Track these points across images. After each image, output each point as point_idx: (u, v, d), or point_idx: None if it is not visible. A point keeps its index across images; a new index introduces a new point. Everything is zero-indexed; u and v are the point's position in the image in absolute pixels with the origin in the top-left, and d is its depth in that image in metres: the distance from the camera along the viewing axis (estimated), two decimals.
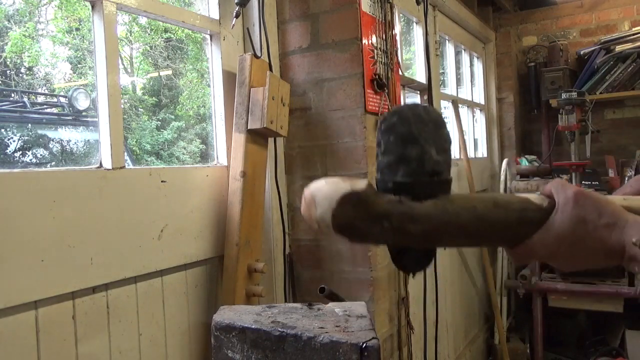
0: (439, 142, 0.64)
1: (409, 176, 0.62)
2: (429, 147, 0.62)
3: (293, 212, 1.91)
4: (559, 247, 0.62)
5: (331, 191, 0.61)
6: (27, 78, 5.80)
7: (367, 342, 0.92)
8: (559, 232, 0.62)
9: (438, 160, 0.63)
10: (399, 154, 0.63)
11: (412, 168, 0.62)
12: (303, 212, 0.64)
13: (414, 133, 0.63)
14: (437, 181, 0.63)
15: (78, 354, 1.21)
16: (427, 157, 0.62)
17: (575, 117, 3.00)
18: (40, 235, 1.14)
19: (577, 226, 0.61)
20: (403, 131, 0.63)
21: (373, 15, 1.86)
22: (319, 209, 0.61)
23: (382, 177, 0.64)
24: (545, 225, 0.63)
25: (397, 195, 0.62)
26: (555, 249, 0.63)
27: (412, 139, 0.62)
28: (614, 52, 3.44)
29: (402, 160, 0.63)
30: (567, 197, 0.63)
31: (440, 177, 0.63)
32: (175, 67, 7.27)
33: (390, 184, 0.63)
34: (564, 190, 0.64)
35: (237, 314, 1.11)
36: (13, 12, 5.66)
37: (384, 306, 1.86)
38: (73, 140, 4.65)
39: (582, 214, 0.62)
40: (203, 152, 6.40)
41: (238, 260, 1.55)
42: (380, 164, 0.65)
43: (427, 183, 0.62)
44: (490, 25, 3.82)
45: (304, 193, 0.64)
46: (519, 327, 3.60)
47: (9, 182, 1.10)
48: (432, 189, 0.63)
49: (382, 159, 0.65)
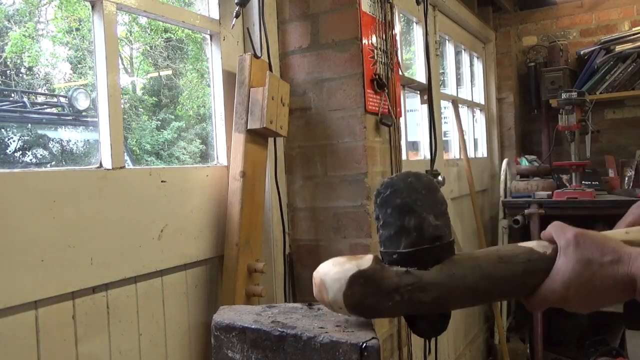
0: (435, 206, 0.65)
1: (412, 246, 0.63)
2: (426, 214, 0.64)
3: (293, 212, 1.91)
4: (568, 291, 0.62)
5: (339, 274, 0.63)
6: (27, 78, 5.80)
7: (367, 342, 0.92)
8: (565, 277, 0.62)
9: (437, 225, 0.64)
10: (398, 225, 0.64)
11: (413, 237, 0.63)
12: (315, 296, 0.66)
13: (409, 203, 0.64)
14: (440, 246, 0.64)
15: (78, 354, 1.21)
16: (426, 225, 0.64)
17: (575, 117, 3.00)
18: (40, 235, 1.14)
19: (582, 268, 0.61)
20: (398, 203, 0.64)
21: (373, 15, 1.86)
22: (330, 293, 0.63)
23: (386, 249, 0.66)
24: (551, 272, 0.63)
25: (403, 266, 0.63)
26: (565, 294, 0.62)
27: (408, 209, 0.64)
28: (614, 52, 3.44)
29: (402, 231, 0.64)
30: (567, 240, 0.63)
31: (442, 241, 0.64)
32: (175, 67, 7.27)
33: (395, 255, 0.64)
34: (564, 233, 0.64)
35: (237, 314, 1.11)
36: (13, 12, 5.66)
37: None
38: (73, 140, 4.65)
39: (585, 255, 0.62)
40: (203, 152, 6.41)
41: (238, 260, 1.55)
42: (382, 236, 0.67)
43: (430, 249, 0.64)
44: (490, 25, 3.82)
45: (314, 277, 0.66)
46: (519, 327, 3.60)
47: (9, 182, 1.10)
48: (435, 255, 0.64)
49: (382, 231, 0.66)
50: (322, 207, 1.85)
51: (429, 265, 0.63)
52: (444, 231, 0.65)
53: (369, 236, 1.76)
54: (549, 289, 0.63)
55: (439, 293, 0.62)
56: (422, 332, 0.70)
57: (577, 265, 0.62)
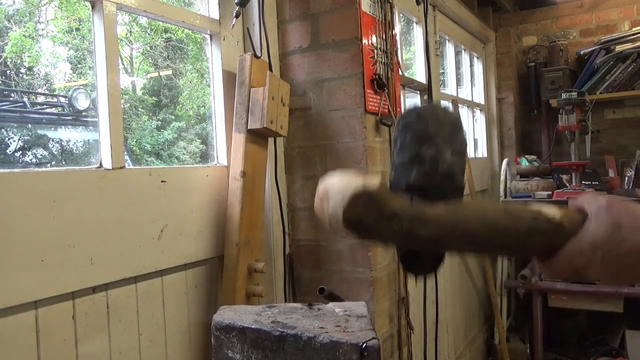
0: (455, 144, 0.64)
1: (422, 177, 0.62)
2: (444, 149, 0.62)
3: (293, 212, 1.91)
4: (595, 254, 0.60)
5: (344, 187, 0.61)
6: (27, 78, 5.80)
7: (367, 342, 0.92)
8: (594, 239, 0.61)
9: (452, 162, 0.63)
10: (414, 153, 0.62)
11: (425, 168, 0.62)
12: (315, 206, 0.64)
13: (430, 133, 0.62)
14: (450, 185, 0.63)
15: (78, 354, 1.21)
16: (442, 159, 0.62)
17: (575, 117, 3.00)
18: (40, 235, 1.14)
19: (612, 231, 0.60)
20: (419, 130, 0.63)
21: (373, 15, 1.86)
22: (330, 204, 0.61)
23: (396, 175, 0.64)
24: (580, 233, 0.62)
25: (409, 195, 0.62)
26: (591, 257, 0.61)
27: (427, 139, 0.62)
28: (614, 52, 3.44)
29: (416, 160, 0.62)
30: (599, 206, 0.62)
31: (453, 180, 0.63)
32: (175, 67, 7.27)
33: (404, 184, 0.63)
34: (596, 200, 0.63)
35: (237, 314, 1.11)
36: (13, 12, 5.66)
37: (384, 306, 1.86)
38: (73, 140, 4.65)
39: (617, 220, 0.60)
40: (203, 152, 6.40)
41: (238, 260, 1.55)
42: (395, 163, 0.65)
43: (440, 185, 0.62)
44: (490, 25, 3.82)
45: (318, 186, 0.64)
46: (519, 327, 3.60)
47: (9, 182, 1.10)
48: (444, 192, 0.62)
49: (397, 157, 0.65)
50: None
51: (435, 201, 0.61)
52: (457, 170, 0.63)
53: None
54: (575, 249, 0.61)
55: (437, 230, 0.61)
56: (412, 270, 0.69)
57: (609, 228, 0.60)
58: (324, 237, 1.85)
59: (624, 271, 0.61)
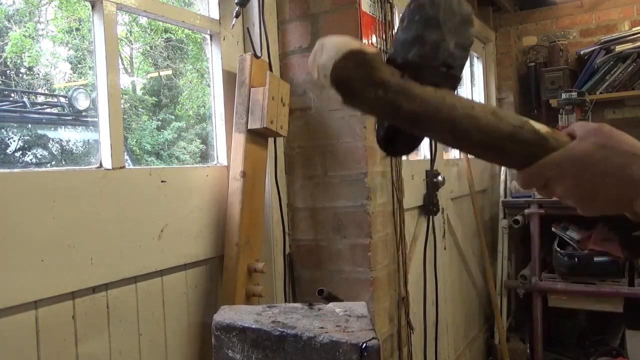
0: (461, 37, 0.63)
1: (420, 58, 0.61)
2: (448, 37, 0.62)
3: (293, 212, 1.91)
4: (571, 168, 0.59)
5: (341, 43, 0.60)
6: (27, 78, 5.80)
7: (367, 342, 0.92)
8: (574, 154, 0.60)
9: (453, 53, 0.62)
10: (418, 34, 0.62)
11: (425, 51, 0.61)
12: (309, 60, 0.63)
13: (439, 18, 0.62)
14: (446, 73, 0.62)
15: (78, 354, 1.21)
16: (444, 46, 0.62)
17: (575, 117, 3.00)
18: (40, 235, 1.14)
19: (595, 149, 0.59)
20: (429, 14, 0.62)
21: (373, 15, 1.86)
22: (324, 56, 0.60)
23: (395, 52, 0.64)
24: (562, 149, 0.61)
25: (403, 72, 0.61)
26: (566, 170, 0.60)
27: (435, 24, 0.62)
28: (614, 52, 3.44)
29: (418, 41, 0.62)
30: (588, 129, 0.62)
31: (450, 70, 0.62)
32: (175, 67, 7.27)
33: (400, 60, 0.62)
34: (586, 125, 0.63)
35: (237, 313, 1.11)
36: (13, 12, 5.66)
37: (384, 306, 1.86)
38: (73, 140, 4.65)
39: (603, 140, 0.60)
40: (203, 152, 6.41)
41: (238, 260, 1.55)
42: (397, 39, 0.65)
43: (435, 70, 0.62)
44: (490, 25, 3.82)
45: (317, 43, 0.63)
46: (519, 327, 3.60)
47: (9, 182, 1.10)
48: (438, 78, 0.62)
49: (400, 34, 0.64)
50: (322, 207, 1.85)
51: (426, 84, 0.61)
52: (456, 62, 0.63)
53: (368, 236, 1.76)
54: (553, 160, 0.60)
55: (421, 108, 0.60)
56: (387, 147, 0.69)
57: (591, 146, 0.59)
58: (324, 237, 1.85)
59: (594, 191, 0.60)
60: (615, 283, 2.89)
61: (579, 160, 0.60)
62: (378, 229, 1.81)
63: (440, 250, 2.49)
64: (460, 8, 0.64)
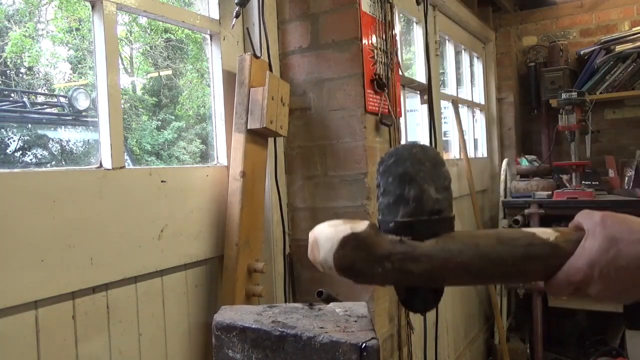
0: (438, 180, 0.64)
1: (409, 216, 0.63)
2: (427, 186, 0.63)
3: (293, 212, 1.91)
4: (593, 270, 0.60)
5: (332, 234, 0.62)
6: (27, 78, 5.80)
7: (367, 342, 0.92)
8: (591, 255, 0.60)
9: (438, 198, 0.63)
10: (398, 194, 0.63)
11: (411, 208, 0.63)
12: (309, 255, 0.66)
13: (411, 173, 0.63)
14: (438, 219, 0.63)
15: (78, 354, 1.21)
16: (426, 196, 0.63)
17: (575, 117, 3.00)
18: (40, 235, 1.14)
19: (608, 245, 0.60)
20: (400, 172, 0.64)
21: (373, 15, 1.86)
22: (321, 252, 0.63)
23: (383, 217, 0.65)
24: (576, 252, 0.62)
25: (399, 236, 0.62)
26: (590, 273, 0.60)
27: (409, 179, 0.63)
28: (614, 52, 3.44)
29: (401, 201, 0.63)
30: (594, 222, 0.62)
31: (440, 215, 0.63)
32: (175, 67, 7.28)
33: (392, 224, 0.64)
34: (591, 216, 0.63)
35: (238, 313, 1.11)
36: (13, 12, 5.66)
37: (384, 306, 1.86)
38: (73, 140, 4.65)
39: (612, 233, 0.60)
40: (203, 152, 6.41)
41: (238, 260, 1.55)
42: (381, 204, 0.66)
43: (428, 222, 0.63)
44: (490, 25, 3.82)
45: (309, 236, 0.66)
46: (519, 327, 3.60)
47: (9, 182, 1.10)
48: (433, 228, 0.63)
49: (382, 199, 0.66)
50: (322, 207, 1.85)
51: (426, 238, 0.62)
52: (443, 205, 0.64)
53: None
54: (572, 267, 0.61)
55: (430, 265, 0.61)
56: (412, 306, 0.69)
57: (604, 243, 0.60)
58: None
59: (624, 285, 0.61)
60: None
61: (597, 261, 0.60)
62: None
63: None
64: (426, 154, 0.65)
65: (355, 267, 0.61)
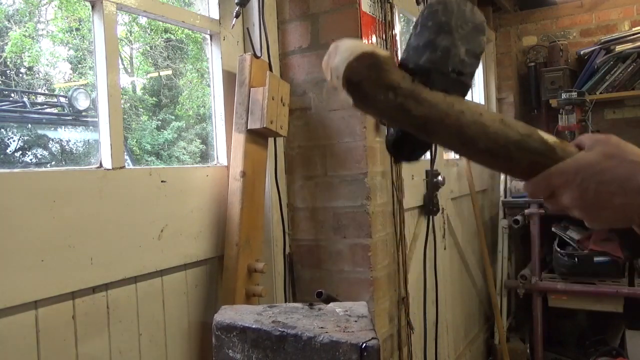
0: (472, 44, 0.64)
1: (431, 63, 0.62)
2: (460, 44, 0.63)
3: (293, 212, 1.91)
4: (576, 176, 0.59)
5: (354, 46, 0.61)
6: (27, 78, 5.80)
7: (367, 342, 0.92)
8: (580, 164, 0.60)
9: (464, 60, 0.63)
10: (430, 39, 0.63)
11: (436, 56, 0.62)
12: (323, 62, 0.64)
13: (451, 25, 0.63)
14: (456, 79, 0.63)
15: (78, 354, 1.21)
16: (454, 52, 0.62)
17: (575, 117, 3.00)
18: (40, 235, 1.14)
19: (601, 158, 0.59)
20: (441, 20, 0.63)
21: (373, 15, 1.86)
22: (337, 58, 0.61)
23: (407, 56, 0.65)
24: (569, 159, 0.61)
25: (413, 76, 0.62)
26: (572, 179, 0.60)
27: (447, 30, 0.62)
28: (614, 52, 3.44)
29: (430, 46, 0.62)
30: (596, 140, 0.62)
31: (460, 76, 0.63)
32: (175, 67, 7.27)
33: (411, 65, 0.63)
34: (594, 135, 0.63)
35: (238, 313, 1.11)
36: (13, 12, 5.66)
37: (384, 306, 1.86)
38: (73, 140, 4.65)
39: (609, 150, 0.60)
40: (203, 152, 6.40)
41: (238, 260, 1.55)
42: (409, 45, 0.65)
43: (445, 76, 0.62)
44: (490, 25, 3.82)
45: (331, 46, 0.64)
46: (519, 327, 3.60)
47: (9, 182, 1.10)
48: (448, 84, 0.62)
49: (412, 40, 0.65)
50: (322, 207, 1.85)
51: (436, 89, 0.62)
52: (467, 69, 0.63)
53: (369, 236, 1.76)
54: (558, 169, 0.61)
55: (430, 112, 0.61)
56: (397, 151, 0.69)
57: (598, 156, 0.60)
58: (324, 237, 1.85)
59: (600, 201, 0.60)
60: (615, 283, 2.89)
61: (584, 169, 0.60)
62: (378, 229, 1.81)
63: (440, 250, 2.48)
64: (473, 16, 0.65)
65: (361, 85, 0.60)
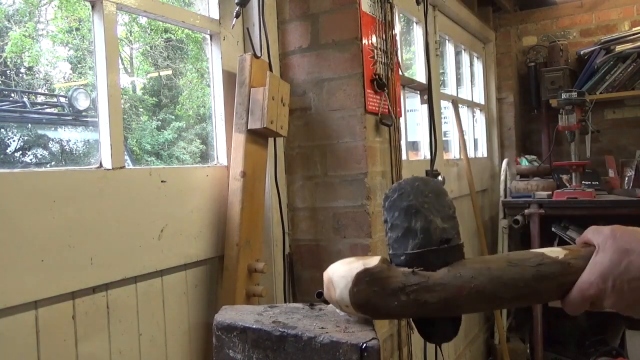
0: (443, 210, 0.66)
1: (419, 247, 0.64)
2: (433, 217, 0.64)
3: (293, 212, 1.91)
4: (606, 283, 0.61)
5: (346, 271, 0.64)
6: (27, 78, 5.80)
7: (367, 343, 0.92)
8: (603, 268, 0.61)
9: (445, 227, 0.65)
10: (405, 227, 0.65)
11: (419, 239, 0.64)
12: (325, 295, 0.67)
13: (416, 205, 0.65)
14: (447, 248, 0.64)
15: (78, 354, 1.21)
16: (433, 227, 0.64)
17: (575, 117, 3.00)
18: (40, 235, 1.14)
19: (619, 257, 0.60)
20: (405, 205, 0.65)
21: (373, 15, 1.86)
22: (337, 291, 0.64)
23: (394, 251, 0.67)
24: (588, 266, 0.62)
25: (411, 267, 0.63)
26: (602, 286, 0.61)
27: (415, 212, 0.65)
28: (614, 52, 3.44)
29: (409, 233, 0.65)
30: (604, 236, 0.63)
31: (449, 243, 0.65)
32: (175, 67, 7.28)
33: (403, 257, 0.65)
34: (600, 231, 0.64)
35: (238, 313, 1.11)
36: (13, 12, 5.66)
37: None
38: (73, 140, 4.65)
39: (623, 245, 0.61)
40: (203, 152, 6.41)
41: (238, 260, 1.55)
42: (390, 239, 0.67)
43: (437, 251, 0.64)
44: (490, 25, 3.82)
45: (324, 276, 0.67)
46: (519, 327, 3.60)
47: (9, 182, 1.10)
48: (443, 257, 0.64)
49: (390, 234, 0.67)
50: (322, 207, 1.85)
51: (437, 268, 0.63)
52: (451, 234, 0.65)
53: (369, 236, 1.76)
54: (585, 282, 0.62)
55: (445, 294, 0.62)
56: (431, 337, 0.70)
57: (615, 255, 0.60)
58: (324, 237, 1.85)
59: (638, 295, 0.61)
60: None
61: (609, 272, 0.61)
62: (378, 229, 1.81)
63: None
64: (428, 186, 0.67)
65: (371, 302, 0.63)
